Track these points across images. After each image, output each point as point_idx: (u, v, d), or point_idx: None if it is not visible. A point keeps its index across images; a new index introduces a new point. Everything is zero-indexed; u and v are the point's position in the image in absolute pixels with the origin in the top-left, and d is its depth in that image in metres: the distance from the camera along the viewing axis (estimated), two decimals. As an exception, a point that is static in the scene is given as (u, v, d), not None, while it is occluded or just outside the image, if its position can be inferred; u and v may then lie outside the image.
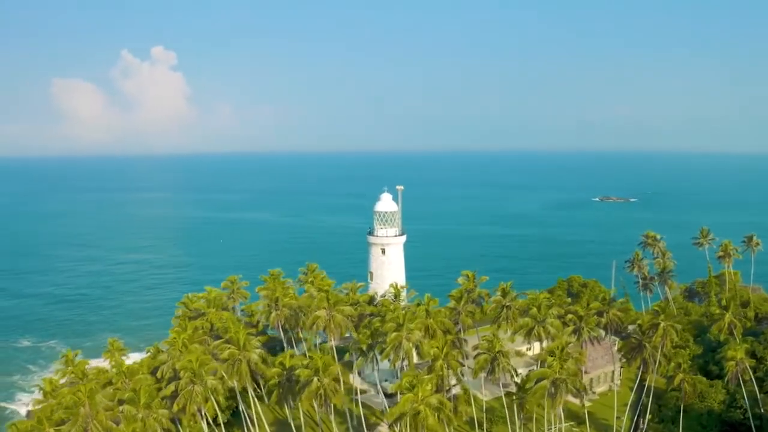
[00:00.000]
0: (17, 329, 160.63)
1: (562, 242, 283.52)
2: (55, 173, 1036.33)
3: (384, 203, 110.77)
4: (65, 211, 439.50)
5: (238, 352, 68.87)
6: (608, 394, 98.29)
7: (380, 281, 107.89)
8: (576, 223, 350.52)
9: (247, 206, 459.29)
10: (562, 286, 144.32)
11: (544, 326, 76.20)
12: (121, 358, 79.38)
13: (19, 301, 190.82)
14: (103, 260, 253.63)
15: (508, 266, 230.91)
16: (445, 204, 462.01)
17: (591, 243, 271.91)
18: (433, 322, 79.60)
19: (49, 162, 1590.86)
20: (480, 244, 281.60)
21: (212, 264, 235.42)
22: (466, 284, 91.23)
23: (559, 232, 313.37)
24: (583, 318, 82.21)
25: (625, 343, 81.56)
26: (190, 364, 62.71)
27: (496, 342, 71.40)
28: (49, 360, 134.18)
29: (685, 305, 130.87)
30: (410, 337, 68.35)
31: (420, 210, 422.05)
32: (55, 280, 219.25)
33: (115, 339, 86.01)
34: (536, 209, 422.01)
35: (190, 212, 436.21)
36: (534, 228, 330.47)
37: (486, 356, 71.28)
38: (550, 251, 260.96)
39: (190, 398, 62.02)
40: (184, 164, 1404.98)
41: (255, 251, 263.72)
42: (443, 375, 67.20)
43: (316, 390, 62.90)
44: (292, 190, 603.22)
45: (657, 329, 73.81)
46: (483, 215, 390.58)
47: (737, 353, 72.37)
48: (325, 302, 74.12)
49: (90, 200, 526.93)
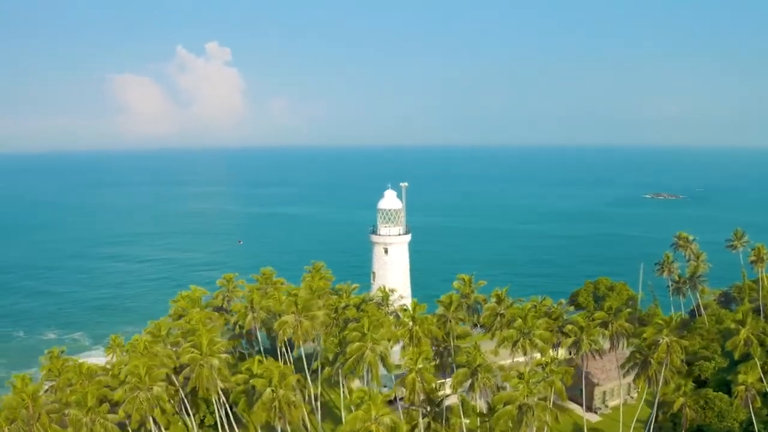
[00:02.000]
0: (45, 321, 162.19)
1: (606, 241, 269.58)
2: (112, 167, 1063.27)
3: (387, 200, 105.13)
4: (117, 205, 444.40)
5: (200, 357, 64.64)
6: (621, 408, 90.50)
7: (382, 282, 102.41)
8: (624, 221, 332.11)
9: (293, 201, 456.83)
10: (588, 289, 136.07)
11: (531, 339, 68.84)
12: (122, 355, 75.82)
13: (51, 294, 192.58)
14: (144, 255, 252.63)
15: (543, 266, 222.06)
16: (489, 200, 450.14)
17: (634, 242, 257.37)
18: (419, 330, 73.62)
19: (106, 156, 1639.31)
20: (519, 243, 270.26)
21: (245, 260, 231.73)
22: (462, 289, 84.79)
23: (604, 230, 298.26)
24: (584, 329, 74.61)
25: (628, 358, 73.60)
26: (136, 369, 58.87)
27: (476, 354, 64.78)
28: (68, 353, 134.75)
29: (717, 312, 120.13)
30: (375, 347, 62.40)
31: (465, 206, 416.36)
32: (92, 273, 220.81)
33: (117, 335, 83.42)
34: (584, 206, 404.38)
35: (239, 207, 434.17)
36: (580, 225, 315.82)
37: (465, 370, 64.76)
38: (590, 250, 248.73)
39: (134, 405, 58.28)
40: (237, 158, 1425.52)
41: (294, 246, 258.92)
42: (414, 389, 61.27)
43: (270, 402, 57.95)
44: (340, 184, 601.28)
45: (659, 345, 65.70)
46: (528, 212, 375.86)
47: (748, 377, 63.35)
48: (293, 307, 68.93)
49: (143, 194, 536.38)
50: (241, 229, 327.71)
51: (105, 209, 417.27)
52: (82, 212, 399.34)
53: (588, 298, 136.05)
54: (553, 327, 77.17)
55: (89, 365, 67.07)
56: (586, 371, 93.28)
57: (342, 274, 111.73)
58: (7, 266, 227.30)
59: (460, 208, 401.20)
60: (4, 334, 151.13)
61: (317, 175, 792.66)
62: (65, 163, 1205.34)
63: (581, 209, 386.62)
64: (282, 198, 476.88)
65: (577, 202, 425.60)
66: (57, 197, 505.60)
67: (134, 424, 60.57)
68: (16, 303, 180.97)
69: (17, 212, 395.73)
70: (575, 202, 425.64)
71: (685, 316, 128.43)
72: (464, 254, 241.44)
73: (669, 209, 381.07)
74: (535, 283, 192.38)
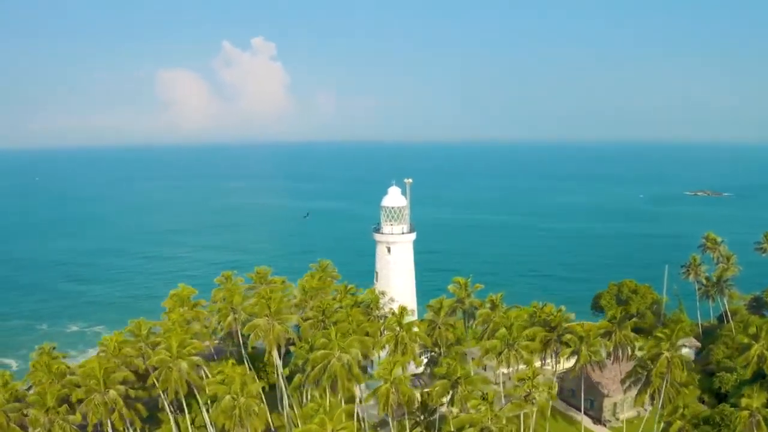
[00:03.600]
0: (72, 314, 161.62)
1: (639, 240, 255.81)
2: (159, 161, 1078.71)
3: (391, 197, 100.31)
4: (160, 200, 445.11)
5: (169, 359, 61.65)
6: (634, 421, 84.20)
7: (385, 283, 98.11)
8: (661, 219, 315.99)
9: (333, 196, 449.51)
10: (612, 292, 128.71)
11: (516, 350, 63.18)
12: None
13: (81, 286, 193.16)
14: (180, 251, 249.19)
15: (568, 266, 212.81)
16: (517, 196, 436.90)
17: (668, 242, 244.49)
18: (406, 336, 68.91)
19: (153, 150, 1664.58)
20: (546, 242, 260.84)
21: (276, 254, 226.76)
22: (458, 293, 79.60)
23: (638, 229, 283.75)
24: (583, 339, 68.58)
25: (629, 373, 67.32)
26: (93, 371, 56.28)
27: (456, 365, 59.60)
28: (87, 345, 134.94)
29: (746, 318, 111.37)
30: (342, 356, 58.00)
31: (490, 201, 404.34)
32: (129, 268, 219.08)
33: (119, 332, 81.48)
34: (622, 203, 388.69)
35: (281, 201, 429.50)
36: (613, 223, 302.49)
37: (444, 382, 59.69)
38: (621, 250, 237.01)
39: (90, 408, 55.73)
40: (283, 152, 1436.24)
41: (327, 242, 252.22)
42: (388, 401, 56.70)
43: (229, 410, 54.45)
44: (377, 180, 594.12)
45: (659, 360, 59.39)
46: (559, 209, 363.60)
47: (753, 401, 56.22)
48: (266, 309, 65.15)
49: (185, 188, 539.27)
50: (278, 223, 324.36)
51: (149, 204, 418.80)
52: (128, 206, 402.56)
53: (611, 302, 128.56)
54: (551, 336, 71.49)
55: (60, 364, 64.81)
56: (596, 381, 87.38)
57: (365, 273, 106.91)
58: (45, 261, 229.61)
59: (486, 204, 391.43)
60: (27, 326, 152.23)
61: (359, 170, 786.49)
62: (114, 157, 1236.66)
63: (616, 206, 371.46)
64: (322, 193, 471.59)
65: (612, 199, 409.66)
66: (104, 190, 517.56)
67: (90, 427, 58.03)
68: (55, 296, 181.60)
69: (67, 206, 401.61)
70: (610, 199, 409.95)
71: (714, 322, 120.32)
72: (485, 252, 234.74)
73: (710, 207, 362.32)
74: (552, 286, 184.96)
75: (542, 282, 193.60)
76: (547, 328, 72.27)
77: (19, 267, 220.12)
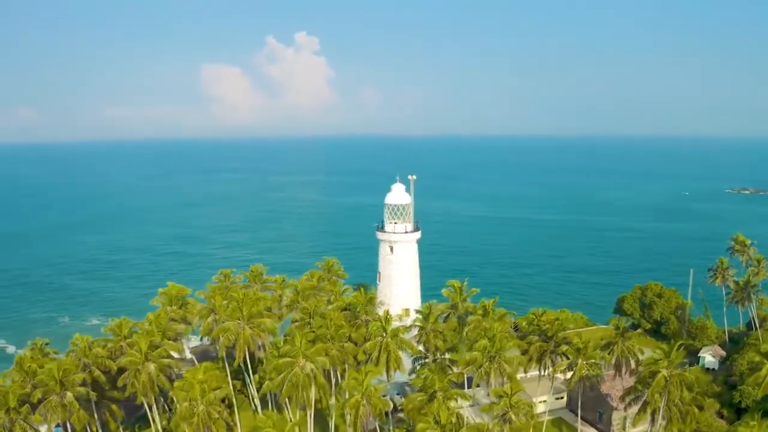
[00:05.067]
0: (96, 307, 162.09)
1: (673, 240, 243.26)
2: (202, 154, 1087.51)
3: (395, 195, 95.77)
4: (206, 194, 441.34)
5: (138, 361, 58.88)
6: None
7: (387, 283, 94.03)
8: (698, 217, 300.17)
9: (376, 191, 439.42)
10: (635, 295, 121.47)
11: (498, 363, 57.70)
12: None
13: (114, 281, 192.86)
14: (215, 246, 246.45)
15: (600, 266, 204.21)
16: (554, 191, 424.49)
17: (703, 242, 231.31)
18: (391, 343, 64.38)
19: (198, 143, 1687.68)
20: (577, 240, 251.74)
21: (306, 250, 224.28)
22: (452, 297, 74.50)
23: (674, 228, 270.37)
24: (581, 351, 62.67)
25: (627, 391, 61.11)
26: (51, 371, 53.88)
27: (434, 378, 54.72)
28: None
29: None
30: (304, 365, 53.85)
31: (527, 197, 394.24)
32: (161, 262, 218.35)
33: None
34: (656, 200, 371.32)
35: (319, 196, 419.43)
36: (647, 222, 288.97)
37: (421, 395, 54.87)
38: (653, 249, 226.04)
39: (49, 409, 53.39)
40: (326, 146, 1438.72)
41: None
42: (359, 414, 52.40)
43: (188, 417, 51.19)
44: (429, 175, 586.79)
45: (655, 378, 53.23)
46: (601, 205, 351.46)
47: (753, 431, 49.75)
48: (238, 313, 61.58)
49: (233, 181, 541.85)
50: (318, 219, 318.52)
51: (191, 199, 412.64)
52: (170, 201, 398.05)
53: (634, 305, 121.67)
54: (547, 347, 65.77)
55: (32, 363, 62.73)
56: (605, 393, 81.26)
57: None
58: (81, 256, 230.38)
59: (527, 200, 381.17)
60: (49, 318, 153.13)
61: (406, 164, 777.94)
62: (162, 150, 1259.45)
63: (652, 204, 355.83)
64: (362, 187, 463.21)
65: (648, 197, 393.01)
66: (145, 183, 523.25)
67: (50, 429, 55.82)
68: (82, 289, 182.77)
69: (110, 201, 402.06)
70: (646, 197, 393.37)
71: (743, 329, 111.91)
72: (514, 251, 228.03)
73: (752, 205, 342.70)
74: (578, 286, 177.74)
75: (570, 281, 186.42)
76: (543, 338, 66.60)
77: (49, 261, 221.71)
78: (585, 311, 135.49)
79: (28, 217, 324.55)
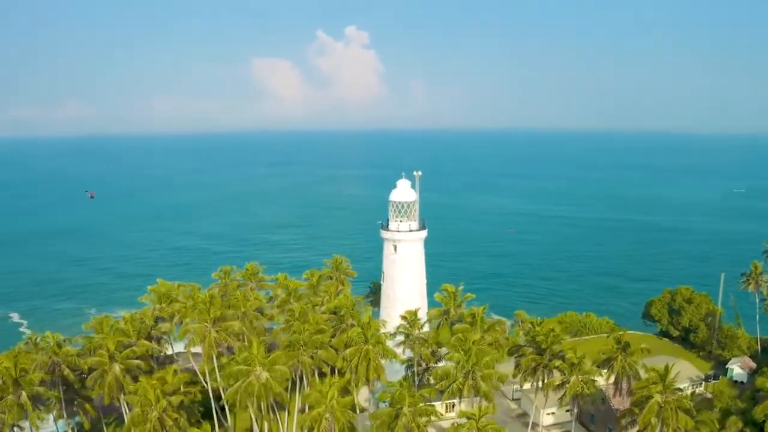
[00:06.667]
0: (121, 300, 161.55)
1: (718, 240, 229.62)
2: (252, 147, 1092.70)
3: (400, 192, 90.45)
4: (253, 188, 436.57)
5: (105, 362, 56.47)
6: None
7: (390, 284, 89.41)
8: (749, 216, 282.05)
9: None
10: (664, 300, 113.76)
11: (474, 380, 52.30)
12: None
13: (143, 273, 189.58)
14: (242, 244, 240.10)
15: (631, 268, 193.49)
16: (595, 188, 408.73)
17: (743, 246, 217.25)
18: (372, 350, 59.96)
19: (248, 137, 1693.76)
20: (617, 237, 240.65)
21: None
22: (445, 302, 69.34)
23: (720, 227, 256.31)
24: (575, 367, 56.64)
25: (623, 413, 54.90)
26: (8, 371, 51.88)
27: (403, 392, 49.98)
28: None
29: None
30: (261, 374, 49.96)
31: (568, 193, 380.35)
32: (202, 256, 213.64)
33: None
34: (710, 198, 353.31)
35: (365, 190, 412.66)
36: (695, 218, 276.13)
37: (389, 410, 50.27)
38: (695, 250, 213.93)
39: (4, 409, 51.51)
40: (375, 140, 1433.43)
41: None
42: (321, 427, 48.28)
43: (140, 423, 48.29)
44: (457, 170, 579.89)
45: (648, 404, 47.01)
46: (647, 202, 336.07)
47: None
48: (205, 315, 58.24)
49: (281, 174, 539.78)
50: (361, 215, 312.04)
51: (239, 193, 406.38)
52: (217, 195, 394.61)
53: (662, 311, 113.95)
54: (541, 361, 59.92)
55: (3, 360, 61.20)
56: (615, 408, 74.94)
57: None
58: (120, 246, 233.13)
59: (565, 196, 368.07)
60: (74, 308, 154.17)
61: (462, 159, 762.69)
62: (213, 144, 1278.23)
63: (704, 201, 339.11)
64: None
65: (702, 193, 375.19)
66: (201, 176, 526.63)
67: (6, 428, 53.98)
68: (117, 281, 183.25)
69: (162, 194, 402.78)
70: (702, 193, 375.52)
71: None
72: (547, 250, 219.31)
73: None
74: (608, 290, 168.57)
75: (599, 283, 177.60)
76: (537, 350, 60.80)
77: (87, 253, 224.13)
78: (613, 316, 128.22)
79: (73, 211, 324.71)
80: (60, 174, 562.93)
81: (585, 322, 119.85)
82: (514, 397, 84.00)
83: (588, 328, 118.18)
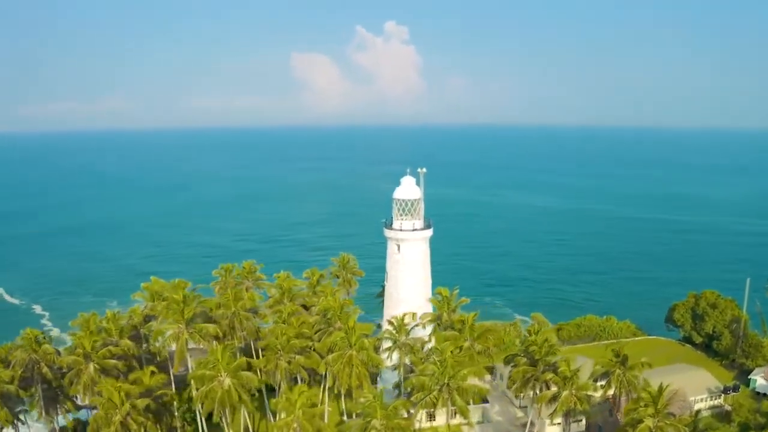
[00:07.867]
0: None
1: (752, 242, 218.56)
2: (293, 143, 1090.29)
3: (404, 189, 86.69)
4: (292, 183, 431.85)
5: (81, 361, 55.02)
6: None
7: (393, 284, 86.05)
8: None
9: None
10: (688, 304, 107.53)
11: (449, 393, 48.43)
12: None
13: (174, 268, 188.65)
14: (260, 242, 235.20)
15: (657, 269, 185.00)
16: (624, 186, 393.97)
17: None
18: (356, 356, 56.85)
19: (286, 132, 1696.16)
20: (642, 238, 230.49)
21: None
22: (439, 307, 65.59)
23: (755, 228, 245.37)
24: (568, 380, 52.30)
25: (618, 430, 50.40)
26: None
27: (374, 403, 46.72)
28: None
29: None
30: (223, 381, 47.39)
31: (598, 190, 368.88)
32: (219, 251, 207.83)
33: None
34: (742, 197, 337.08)
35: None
36: (729, 218, 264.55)
37: (359, 422, 47.14)
38: (728, 252, 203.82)
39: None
40: (416, 135, 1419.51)
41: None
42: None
43: (102, 426, 46.41)
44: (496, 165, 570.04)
45: (637, 428, 42.45)
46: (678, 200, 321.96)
47: None
48: (179, 316, 56.04)
49: (319, 169, 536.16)
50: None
51: (272, 190, 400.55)
52: (249, 191, 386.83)
53: (685, 315, 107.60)
54: (533, 373, 55.64)
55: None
56: (622, 422, 70.26)
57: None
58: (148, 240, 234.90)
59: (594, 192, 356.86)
60: (96, 302, 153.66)
61: (501, 154, 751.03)
62: (255, 139, 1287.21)
63: (739, 200, 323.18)
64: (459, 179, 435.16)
65: (739, 192, 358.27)
66: (234, 172, 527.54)
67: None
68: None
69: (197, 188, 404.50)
70: (738, 192, 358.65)
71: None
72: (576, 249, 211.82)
73: None
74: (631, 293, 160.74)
75: (626, 285, 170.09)
76: (530, 361, 56.63)
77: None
78: (636, 319, 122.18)
79: (105, 205, 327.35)
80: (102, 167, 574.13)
81: (605, 326, 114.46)
82: (521, 405, 79.87)
83: (608, 332, 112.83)
